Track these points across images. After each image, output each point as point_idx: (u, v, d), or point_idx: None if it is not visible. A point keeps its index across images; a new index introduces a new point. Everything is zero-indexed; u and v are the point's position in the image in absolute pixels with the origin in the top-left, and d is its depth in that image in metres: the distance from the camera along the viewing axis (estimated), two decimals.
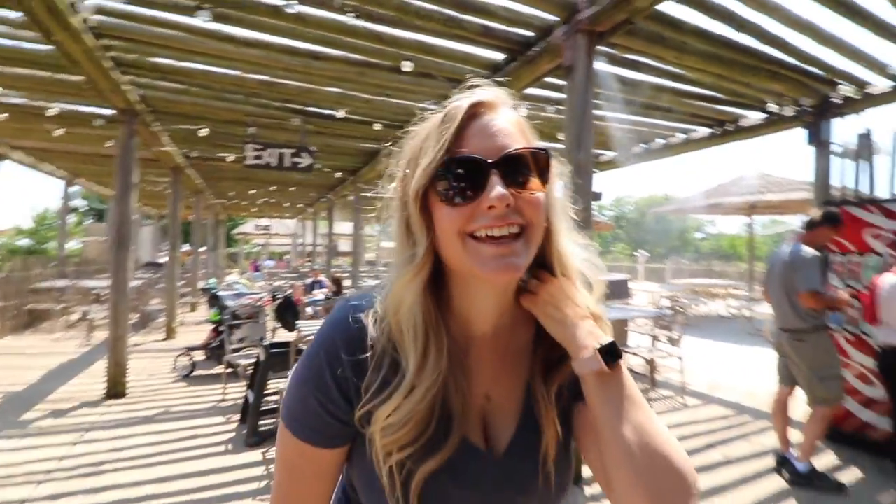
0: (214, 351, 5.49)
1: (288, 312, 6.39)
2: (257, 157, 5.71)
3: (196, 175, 9.21)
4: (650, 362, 5.01)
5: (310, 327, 4.21)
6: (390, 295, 0.59)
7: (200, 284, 10.51)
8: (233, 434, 3.72)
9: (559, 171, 0.62)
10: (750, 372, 5.82)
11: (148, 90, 4.80)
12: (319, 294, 7.19)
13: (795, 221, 14.47)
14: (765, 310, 8.32)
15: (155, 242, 17.71)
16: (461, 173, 0.54)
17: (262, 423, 3.63)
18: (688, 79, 4.31)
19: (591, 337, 0.56)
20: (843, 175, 4.67)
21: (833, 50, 3.64)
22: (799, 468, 3.09)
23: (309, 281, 8.84)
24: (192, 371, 5.31)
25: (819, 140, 4.70)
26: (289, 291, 7.03)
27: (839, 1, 3.02)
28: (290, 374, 0.63)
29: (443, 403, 0.59)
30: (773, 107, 4.96)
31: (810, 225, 3.23)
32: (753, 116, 5.30)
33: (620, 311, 5.76)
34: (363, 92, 4.78)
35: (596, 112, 3.72)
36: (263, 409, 3.68)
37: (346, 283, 7.85)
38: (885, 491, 3.01)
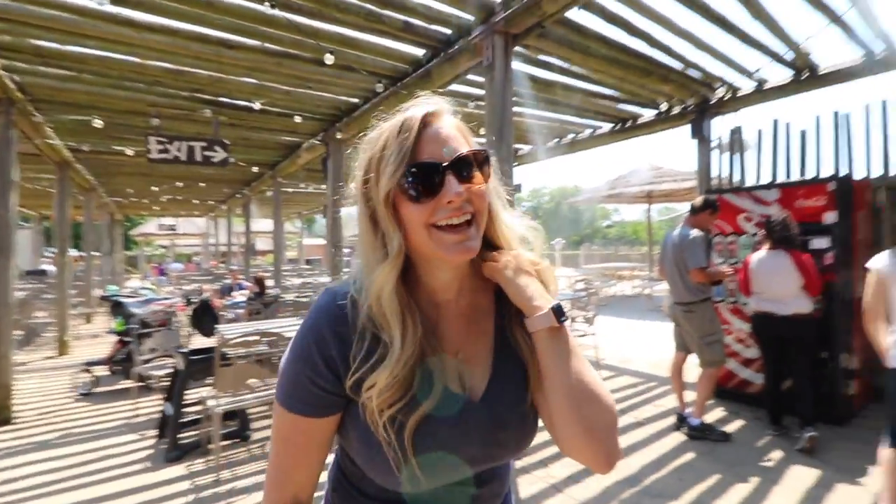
0: (121, 364, 5.03)
1: (206, 317, 6.02)
2: (163, 151, 5.26)
3: (86, 171, 8.26)
4: None
5: (234, 331, 4.02)
6: (372, 285, 0.67)
7: (98, 293, 9.46)
8: (151, 451, 3.47)
9: (494, 163, 0.74)
10: (654, 344, 6.52)
11: (28, 76, 4.24)
12: (240, 296, 6.82)
13: (684, 208, 16.27)
14: (662, 287, 9.32)
15: (35, 247, 15.53)
16: (423, 176, 0.65)
17: (183, 435, 3.43)
18: (593, 79, 4.71)
19: (543, 299, 0.70)
20: (720, 166, 5.39)
21: (710, 56, 4.18)
22: (693, 423, 3.57)
23: (227, 282, 8.33)
24: (94, 388, 4.83)
25: (701, 136, 5.37)
26: (205, 295, 6.60)
27: (713, 14, 3.48)
28: (284, 356, 0.72)
29: (422, 364, 0.69)
30: (663, 106, 5.57)
31: (694, 210, 3.72)
32: (648, 114, 5.90)
33: None
34: (282, 83, 4.61)
35: (514, 109, 3.93)
36: (184, 420, 3.47)
37: (269, 282, 7.51)
38: (762, 437, 3.57)
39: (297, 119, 5.58)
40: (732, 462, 3.16)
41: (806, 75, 4.43)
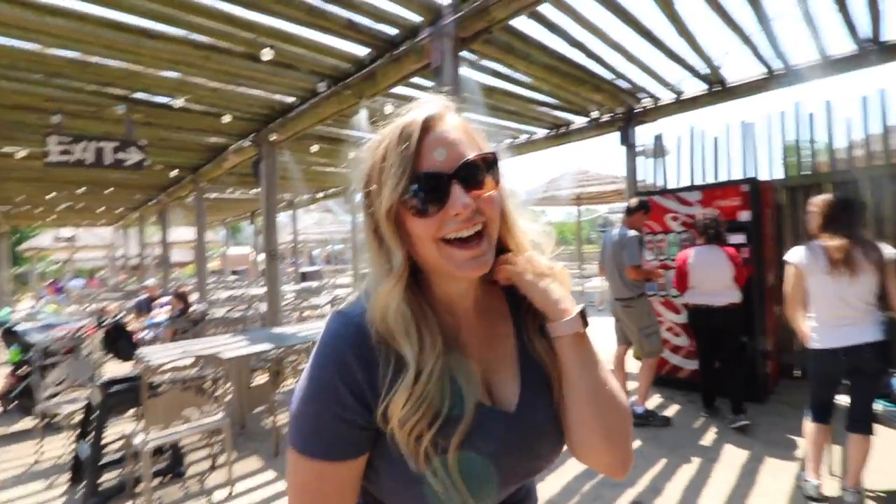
0: (17, 400, 4.35)
1: (121, 341, 5.41)
2: (65, 153, 4.64)
3: None
4: None
5: (158, 354, 3.62)
6: (376, 303, 0.63)
7: None
8: (63, 499, 3.02)
9: (504, 165, 0.70)
10: (591, 338, 6.84)
11: None
12: (161, 314, 6.18)
13: (605, 209, 17.34)
14: (594, 284, 9.86)
15: None
16: (426, 188, 0.60)
17: (103, 479, 3.00)
18: (531, 86, 4.85)
19: (569, 302, 0.67)
20: (646, 170, 5.81)
21: (637, 68, 4.48)
22: (638, 411, 3.77)
23: (142, 298, 7.55)
24: None
25: (628, 142, 5.75)
26: (119, 315, 5.92)
27: (643, 28, 3.72)
28: (293, 398, 0.63)
29: (451, 379, 0.63)
30: (595, 113, 5.89)
31: (629, 211, 3.95)
32: (580, 121, 6.21)
33: None
34: (209, 79, 4.24)
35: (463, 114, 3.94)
36: (104, 462, 3.05)
37: (193, 297, 6.89)
38: (696, 418, 3.87)
39: (226, 118, 5.19)
40: (675, 445, 3.38)
41: (717, 88, 4.90)
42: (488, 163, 0.64)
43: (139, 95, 4.60)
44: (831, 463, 2.84)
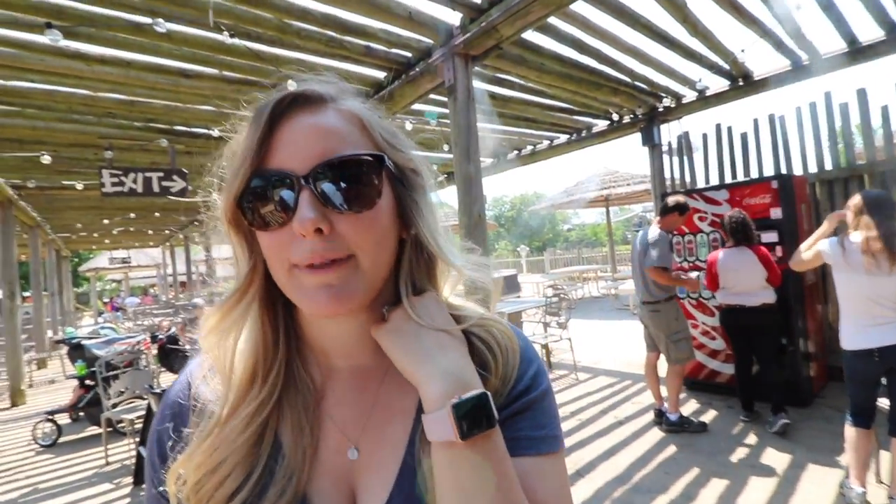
0: (86, 410, 4.74)
1: (173, 354, 5.78)
2: (117, 184, 5.06)
3: (31, 208, 7.80)
4: (545, 347, 5.55)
5: None
6: (210, 325, 0.49)
7: (51, 336, 8.88)
8: (129, 499, 3.29)
9: (424, 171, 0.52)
10: (624, 342, 6.74)
11: None
12: None
13: (638, 208, 16.97)
14: (628, 287, 9.68)
15: None
16: (268, 191, 0.43)
17: None
18: (548, 94, 4.90)
19: (446, 383, 0.43)
20: (671, 169, 5.70)
21: (654, 69, 4.45)
22: (671, 418, 3.71)
23: (191, 316, 8.01)
24: (57, 439, 4.53)
25: (651, 142, 5.67)
26: (172, 330, 6.34)
27: (656, 31, 3.72)
28: None
29: (278, 450, 0.47)
30: (615, 116, 5.86)
31: (663, 211, 3.77)
32: (601, 124, 6.18)
33: (515, 305, 6.27)
34: (243, 110, 4.53)
35: (479, 125, 4.05)
36: None
37: None
38: (735, 423, 3.76)
39: None
40: (712, 451, 3.31)
41: (742, 83, 4.79)
42: (370, 166, 0.45)
43: (180, 128, 4.96)
44: (878, 470, 2.73)
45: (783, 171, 4.74)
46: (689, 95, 5.24)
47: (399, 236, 0.50)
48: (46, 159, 4.91)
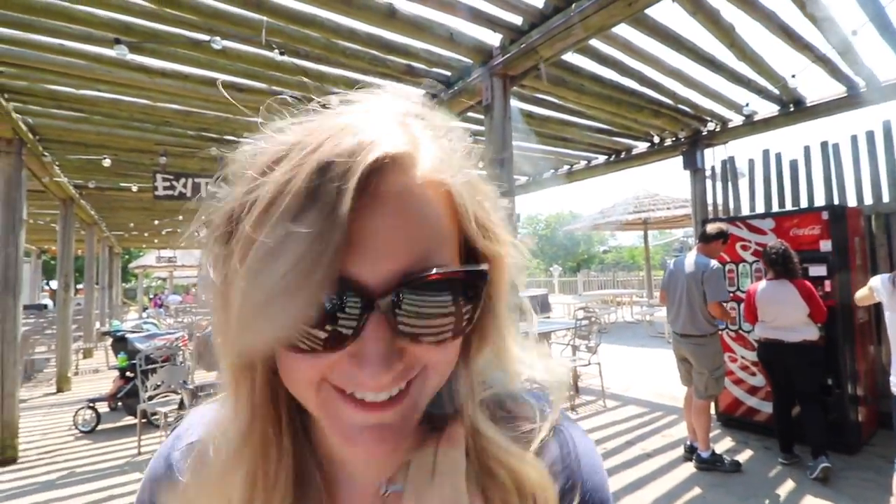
0: (124, 400, 4.98)
1: (207, 353, 5.99)
2: (169, 188, 5.36)
3: (90, 206, 8.37)
4: (573, 371, 5.42)
5: None
6: (209, 426, 0.41)
7: (98, 327, 9.41)
8: None
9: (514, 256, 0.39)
10: (656, 371, 6.50)
11: (40, 118, 4.38)
12: None
13: (679, 233, 16.45)
14: (664, 314, 9.34)
15: (34, 282, 15.50)
16: (334, 314, 0.30)
17: None
18: (587, 115, 4.87)
19: None
20: (714, 195, 5.51)
21: (698, 92, 4.35)
22: (703, 455, 3.53)
23: None
24: (96, 426, 4.77)
25: (693, 166, 5.52)
26: (208, 329, 6.58)
27: (702, 55, 3.65)
28: None
29: None
30: (656, 138, 5.75)
31: (706, 238, 3.61)
32: (641, 146, 6.07)
33: (543, 325, 6.17)
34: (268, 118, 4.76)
35: (514, 143, 4.07)
36: None
37: None
38: (772, 465, 3.55)
39: None
40: (745, 494, 3.13)
41: (792, 108, 4.61)
42: (467, 286, 0.33)
43: (230, 138, 5.23)
44: None
45: (835, 201, 4.50)
46: (736, 120, 5.09)
47: None
48: (107, 162, 5.27)
